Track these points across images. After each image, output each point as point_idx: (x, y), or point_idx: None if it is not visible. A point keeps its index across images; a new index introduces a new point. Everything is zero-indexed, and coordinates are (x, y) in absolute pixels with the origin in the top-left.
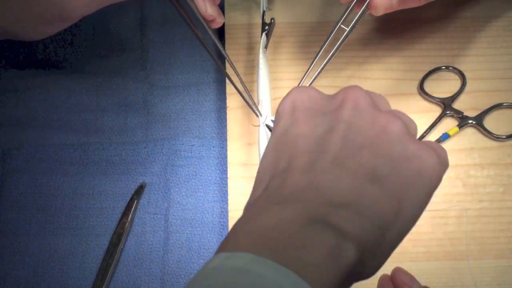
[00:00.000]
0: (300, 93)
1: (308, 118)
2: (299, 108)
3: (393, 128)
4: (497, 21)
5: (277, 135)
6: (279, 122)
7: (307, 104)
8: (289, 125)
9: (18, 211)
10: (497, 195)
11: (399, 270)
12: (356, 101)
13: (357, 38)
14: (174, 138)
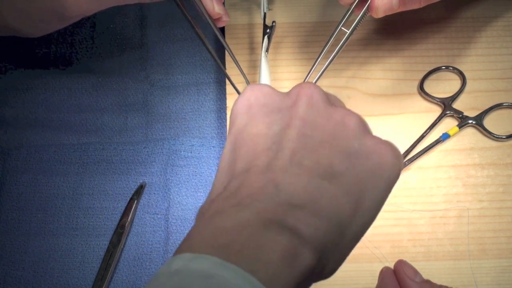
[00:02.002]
0: (254, 91)
1: (263, 116)
2: (254, 106)
3: (349, 123)
4: (497, 21)
5: (233, 135)
6: (235, 122)
7: (261, 101)
8: (245, 124)
9: (18, 211)
10: (497, 195)
11: (402, 263)
12: (310, 97)
13: (357, 39)
14: (174, 138)
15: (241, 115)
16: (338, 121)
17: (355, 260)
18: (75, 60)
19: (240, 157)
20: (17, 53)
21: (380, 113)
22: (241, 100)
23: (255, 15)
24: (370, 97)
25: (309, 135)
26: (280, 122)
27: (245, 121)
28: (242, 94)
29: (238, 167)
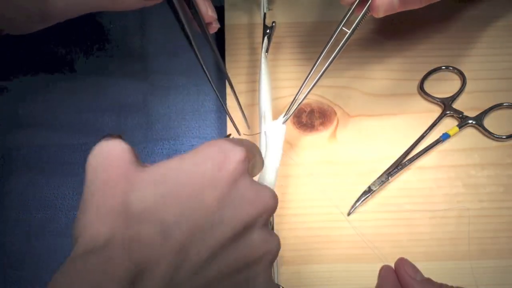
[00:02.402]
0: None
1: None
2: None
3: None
4: (497, 21)
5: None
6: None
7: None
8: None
9: (18, 211)
10: (497, 195)
11: (403, 261)
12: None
13: (357, 39)
14: (174, 139)
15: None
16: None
17: (355, 261)
18: (75, 61)
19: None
20: (17, 54)
21: (380, 113)
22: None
23: (255, 15)
24: (370, 97)
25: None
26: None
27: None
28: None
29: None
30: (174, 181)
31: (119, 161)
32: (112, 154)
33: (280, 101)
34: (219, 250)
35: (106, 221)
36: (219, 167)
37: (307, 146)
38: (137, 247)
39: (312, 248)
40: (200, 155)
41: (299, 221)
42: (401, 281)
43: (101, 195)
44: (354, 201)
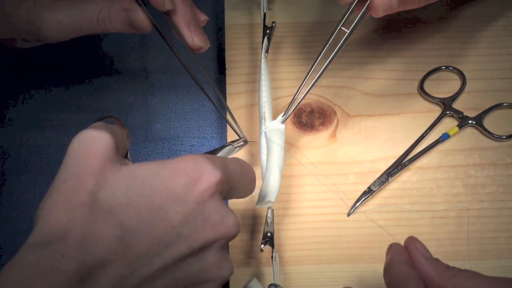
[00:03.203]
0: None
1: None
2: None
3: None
4: (497, 21)
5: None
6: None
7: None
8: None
9: (18, 211)
10: (497, 195)
11: (414, 239)
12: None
13: (357, 38)
14: (174, 139)
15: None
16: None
17: (356, 261)
18: (75, 61)
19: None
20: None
21: (380, 113)
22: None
23: (255, 15)
24: (370, 97)
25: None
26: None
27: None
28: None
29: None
30: (146, 187)
31: (99, 154)
32: (95, 145)
33: (280, 101)
34: (171, 265)
35: (69, 212)
36: (192, 184)
37: (307, 146)
38: (91, 247)
39: (312, 248)
40: (178, 167)
41: (299, 221)
42: (412, 258)
43: (72, 184)
44: (354, 202)
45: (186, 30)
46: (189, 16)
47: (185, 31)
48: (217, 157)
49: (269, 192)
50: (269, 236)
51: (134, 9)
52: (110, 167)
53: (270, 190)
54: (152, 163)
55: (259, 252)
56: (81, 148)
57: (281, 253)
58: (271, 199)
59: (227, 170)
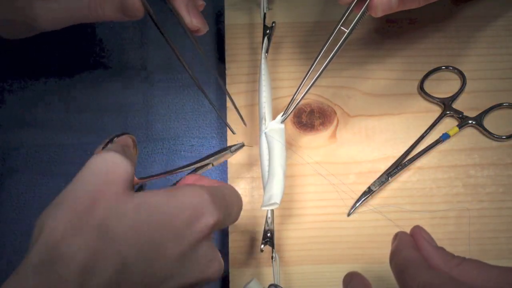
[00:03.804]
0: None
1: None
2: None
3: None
4: (497, 21)
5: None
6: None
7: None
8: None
9: (18, 211)
10: (497, 195)
11: (420, 228)
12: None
13: (357, 38)
14: (174, 138)
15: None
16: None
17: (355, 261)
18: (75, 61)
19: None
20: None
21: (380, 113)
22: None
23: (255, 15)
24: (370, 97)
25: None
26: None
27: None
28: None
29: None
30: (151, 220)
31: (119, 180)
32: (117, 171)
33: (280, 101)
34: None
35: (78, 232)
36: (192, 223)
37: (307, 146)
38: (92, 279)
39: (312, 248)
40: (184, 202)
41: (299, 221)
42: (418, 245)
43: (86, 204)
44: (354, 202)
45: (185, 12)
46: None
47: (184, 12)
48: (220, 192)
49: (274, 195)
50: (269, 236)
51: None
52: (124, 196)
53: (275, 192)
54: (161, 194)
55: (259, 252)
56: (104, 169)
57: (281, 253)
58: (276, 201)
59: (225, 207)
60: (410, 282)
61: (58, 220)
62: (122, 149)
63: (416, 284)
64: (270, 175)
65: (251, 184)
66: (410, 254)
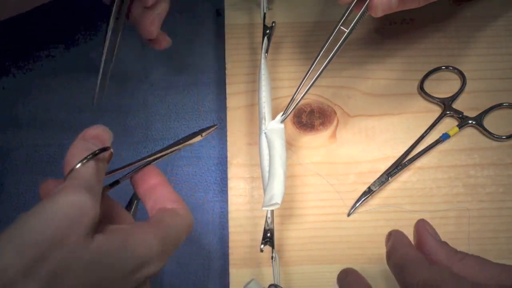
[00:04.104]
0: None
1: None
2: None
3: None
4: (497, 21)
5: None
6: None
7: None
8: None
9: (18, 211)
10: (497, 195)
11: (425, 221)
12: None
13: (357, 38)
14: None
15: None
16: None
17: (355, 261)
18: (75, 61)
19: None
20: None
21: (380, 113)
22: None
23: (255, 15)
24: (370, 97)
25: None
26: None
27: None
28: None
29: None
30: (101, 269)
31: (80, 228)
32: (80, 218)
33: (280, 101)
34: None
35: (28, 277)
36: (133, 273)
37: (307, 146)
38: None
39: (312, 248)
40: (134, 251)
41: (299, 221)
42: (421, 240)
43: (42, 249)
44: (354, 202)
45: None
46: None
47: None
48: (172, 234)
49: (275, 195)
50: (269, 236)
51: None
52: (84, 242)
53: (276, 192)
54: (116, 242)
55: (259, 252)
56: (70, 214)
57: (281, 253)
58: (277, 201)
59: (173, 248)
60: (410, 280)
61: (13, 260)
62: (95, 178)
63: (416, 282)
64: (270, 176)
65: (251, 184)
66: (407, 252)
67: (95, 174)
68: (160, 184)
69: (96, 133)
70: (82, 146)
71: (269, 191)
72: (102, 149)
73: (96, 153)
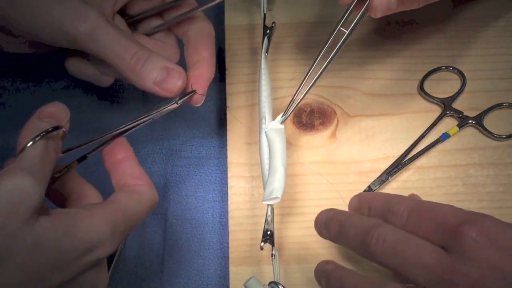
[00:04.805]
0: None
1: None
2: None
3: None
4: (497, 21)
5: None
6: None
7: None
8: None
9: None
10: (497, 194)
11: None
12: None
13: (357, 39)
14: (174, 138)
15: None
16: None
17: (355, 260)
18: None
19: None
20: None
21: (380, 113)
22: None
23: (255, 15)
24: (370, 97)
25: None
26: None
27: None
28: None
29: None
30: (44, 254)
31: (22, 211)
32: (22, 201)
33: (280, 101)
34: None
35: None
36: (83, 255)
37: (307, 146)
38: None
39: (312, 247)
40: (82, 236)
41: (299, 219)
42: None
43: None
44: None
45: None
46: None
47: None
48: (126, 216)
49: (276, 189)
50: (269, 234)
51: (176, 69)
52: (26, 225)
53: (276, 186)
54: (62, 226)
55: (259, 250)
56: (11, 198)
57: (281, 251)
58: (278, 195)
59: (127, 230)
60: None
61: None
62: (41, 160)
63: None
64: (271, 171)
65: (251, 183)
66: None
67: (44, 154)
68: (125, 158)
69: (52, 111)
70: (35, 125)
71: (270, 185)
72: (54, 128)
73: (48, 132)
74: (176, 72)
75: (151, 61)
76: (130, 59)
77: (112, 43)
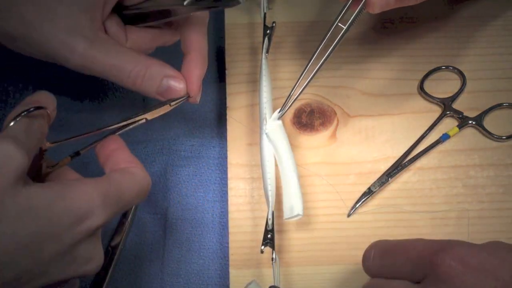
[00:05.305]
0: None
1: None
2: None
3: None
4: (497, 20)
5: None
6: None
7: None
8: None
9: None
10: (497, 195)
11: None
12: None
13: (356, 38)
14: (174, 138)
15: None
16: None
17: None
18: None
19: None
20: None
21: (380, 113)
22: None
23: (255, 15)
24: (370, 97)
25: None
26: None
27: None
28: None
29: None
30: (33, 221)
31: (5, 175)
32: (4, 165)
33: (281, 101)
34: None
35: None
36: (76, 224)
37: (307, 146)
38: None
39: (312, 249)
40: (72, 203)
41: (299, 222)
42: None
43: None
44: (354, 202)
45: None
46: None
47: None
48: (116, 190)
49: (295, 205)
50: (269, 237)
51: (177, 77)
52: (12, 190)
53: (294, 202)
54: (50, 193)
55: (259, 254)
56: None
57: (281, 254)
58: (299, 212)
59: (119, 204)
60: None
61: None
62: (24, 132)
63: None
64: (284, 183)
65: (251, 184)
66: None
67: (27, 128)
68: (118, 149)
69: (37, 98)
70: (20, 110)
71: (287, 201)
72: (35, 108)
73: (30, 111)
74: (176, 80)
75: (150, 76)
76: (127, 79)
77: (106, 68)
